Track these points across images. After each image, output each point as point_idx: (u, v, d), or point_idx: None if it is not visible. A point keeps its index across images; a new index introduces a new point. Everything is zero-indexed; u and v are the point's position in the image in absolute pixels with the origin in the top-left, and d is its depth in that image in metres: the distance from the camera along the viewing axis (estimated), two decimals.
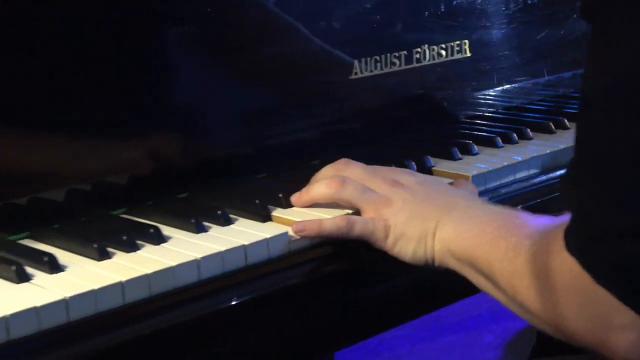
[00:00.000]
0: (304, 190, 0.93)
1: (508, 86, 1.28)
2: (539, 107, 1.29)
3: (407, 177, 0.92)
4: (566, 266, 0.67)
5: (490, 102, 1.26)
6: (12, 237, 0.86)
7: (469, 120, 1.23)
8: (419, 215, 0.87)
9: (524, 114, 1.26)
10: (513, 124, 1.18)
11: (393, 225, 0.87)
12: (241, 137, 1.02)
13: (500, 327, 2.55)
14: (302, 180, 0.96)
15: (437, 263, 0.86)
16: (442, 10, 1.17)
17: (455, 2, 1.18)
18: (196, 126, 0.98)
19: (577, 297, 0.68)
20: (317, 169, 0.97)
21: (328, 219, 0.88)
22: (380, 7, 1.11)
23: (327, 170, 0.94)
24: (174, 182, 0.96)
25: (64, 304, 0.73)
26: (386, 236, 0.87)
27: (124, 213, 0.93)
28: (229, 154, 1.01)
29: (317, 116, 1.08)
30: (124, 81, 0.93)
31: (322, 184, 0.92)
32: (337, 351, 0.92)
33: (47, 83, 0.88)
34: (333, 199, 0.91)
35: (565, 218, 0.69)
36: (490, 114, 1.25)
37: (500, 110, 1.27)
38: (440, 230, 0.85)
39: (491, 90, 1.26)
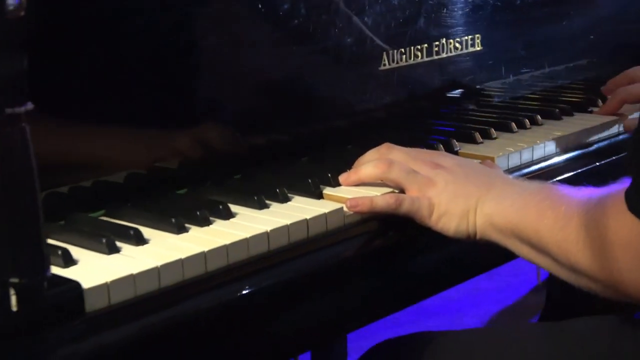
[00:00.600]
0: (352, 170, 1.00)
1: (514, 77, 1.36)
2: (542, 96, 1.38)
3: (446, 159, 1.00)
4: (627, 227, 0.74)
5: (500, 91, 1.34)
6: (92, 214, 0.92)
7: (483, 109, 1.30)
8: (460, 194, 0.94)
9: (531, 102, 1.34)
10: (523, 112, 1.26)
11: (437, 204, 0.94)
12: (286, 125, 1.08)
13: (481, 309, 2.65)
14: (342, 162, 1.03)
15: (478, 236, 0.93)
16: (459, 6, 1.24)
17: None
18: (253, 118, 1.04)
19: (637, 255, 0.75)
20: (352, 153, 1.05)
21: (378, 196, 0.95)
22: (404, 4, 1.18)
23: (372, 154, 1.01)
24: (230, 164, 1.02)
25: (157, 271, 0.79)
26: (430, 213, 0.94)
27: (186, 193, 0.99)
28: (278, 140, 1.07)
29: (351, 105, 1.14)
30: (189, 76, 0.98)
31: (370, 165, 0.98)
32: (386, 316, 0.97)
33: (111, 79, 0.93)
34: (380, 179, 0.98)
35: (613, 187, 0.77)
36: (501, 103, 1.33)
37: (508, 99, 1.35)
38: (481, 207, 0.92)
39: (500, 81, 1.34)
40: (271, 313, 0.86)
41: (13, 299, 0.60)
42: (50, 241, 0.81)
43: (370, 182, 0.99)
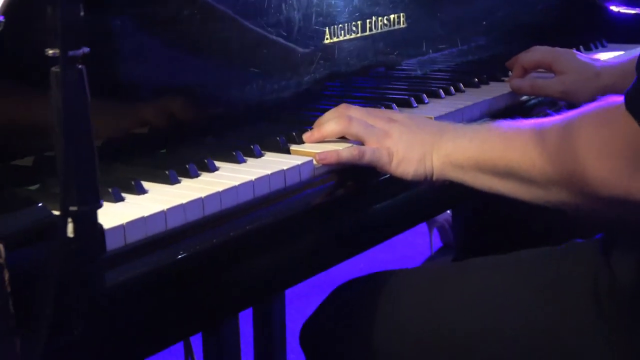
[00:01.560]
0: (315, 129, 1.08)
1: (435, 53, 1.47)
2: (460, 69, 1.49)
3: (399, 115, 1.09)
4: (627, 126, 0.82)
5: (424, 64, 1.45)
6: None
7: (412, 79, 1.41)
8: (415, 141, 1.03)
9: (453, 73, 1.46)
10: (449, 81, 1.37)
11: (395, 152, 1.03)
12: (249, 92, 1.15)
13: None
14: (297, 123, 1.13)
15: (435, 177, 1.03)
16: None
17: None
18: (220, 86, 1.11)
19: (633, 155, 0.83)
20: (304, 115, 1.13)
21: (344, 149, 1.03)
22: None
23: (331, 113, 1.09)
24: (207, 127, 1.09)
25: (163, 214, 0.85)
26: (390, 161, 1.03)
27: (167, 152, 1.04)
28: (245, 104, 1.14)
29: (301, 74, 1.22)
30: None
31: (332, 122, 1.06)
32: (353, 256, 1.06)
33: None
34: (342, 134, 1.06)
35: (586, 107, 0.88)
36: (428, 74, 1.44)
37: (432, 71, 1.46)
38: (437, 149, 1.02)
39: (422, 56, 1.44)
40: (260, 250, 0.93)
41: (70, 226, 0.65)
42: None
43: (331, 138, 1.07)
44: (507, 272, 1.02)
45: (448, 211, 2.08)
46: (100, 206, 0.66)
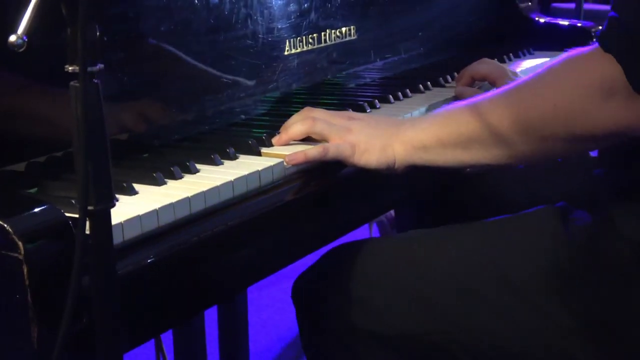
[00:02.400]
0: (282, 132, 1.15)
1: (381, 61, 1.55)
2: (405, 75, 1.58)
3: (358, 114, 1.17)
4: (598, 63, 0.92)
5: (374, 72, 1.53)
6: None
7: (363, 86, 1.49)
8: (376, 133, 1.10)
9: (399, 80, 1.54)
10: (396, 87, 1.45)
11: (357, 144, 1.10)
12: (218, 100, 1.21)
13: None
14: (263, 127, 1.20)
15: (398, 164, 1.09)
16: (339, 3, 1.42)
17: None
18: (190, 96, 1.17)
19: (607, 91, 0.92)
20: (269, 120, 1.20)
21: (310, 148, 1.10)
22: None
23: (296, 116, 1.16)
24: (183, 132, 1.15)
25: (155, 213, 0.90)
26: (353, 153, 1.10)
27: (149, 156, 1.10)
28: (218, 110, 1.20)
29: (265, 82, 1.29)
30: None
31: (298, 124, 1.13)
32: (320, 248, 1.13)
33: None
34: (307, 134, 1.13)
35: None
36: (376, 80, 1.53)
37: (380, 78, 1.54)
38: (397, 138, 1.09)
39: (371, 64, 1.53)
40: (238, 243, 0.99)
41: (87, 224, 0.71)
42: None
43: (298, 139, 1.14)
44: (478, 235, 1.10)
45: None
46: (113, 205, 0.72)
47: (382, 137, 1.10)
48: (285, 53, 1.32)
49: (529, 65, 1.69)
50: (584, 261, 1.01)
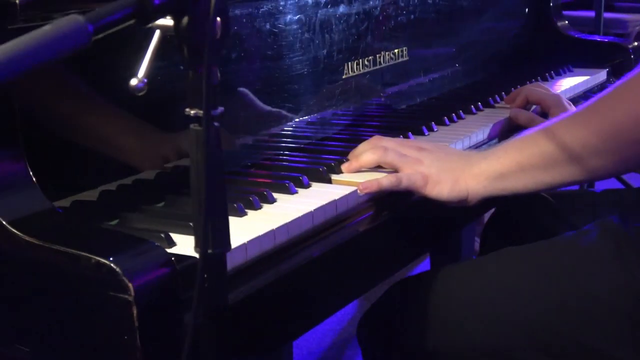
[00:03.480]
0: (352, 159, 1.14)
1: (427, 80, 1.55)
2: (455, 96, 1.58)
3: (427, 144, 1.16)
4: None
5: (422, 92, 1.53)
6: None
7: (413, 107, 1.49)
8: (447, 167, 1.10)
9: (449, 101, 1.54)
10: (449, 110, 1.44)
11: (429, 175, 1.09)
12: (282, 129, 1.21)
13: None
14: (328, 153, 1.20)
15: (470, 197, 1.09)
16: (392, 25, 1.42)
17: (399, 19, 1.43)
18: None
19: None
20: (332, 145, 1.21)
21: (382, 177, 1.09)
22: (356, 25, 1.33)
23: (364, 145, 1.15)
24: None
25: (258, 239, 0.90)
26: (425, 184, 1.09)
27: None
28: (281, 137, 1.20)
29: (325, 106, 1.28)
30: None
31: (369, 153, 1.13)
32: (396, 272, 1.13)
33: None
34: (378, 163, 1.13)
35: None
36: (427, 101, 1.52)
37: (430, 99, 1.54)
38: (469, 171, 1.09)
39: (418, 84, 1.52)
40: (328, 269, 1.00)
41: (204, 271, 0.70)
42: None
43: (369, 167, 1.14)
44: (534, 261, 1.10)
45: None
46: (229, 249, 0.71)
47: (453, 171, 1.10)
48: (344, 76, 1.31)
49: (571, 83, 1.69)
50: None
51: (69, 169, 0.96)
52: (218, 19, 0.66)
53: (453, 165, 1.11)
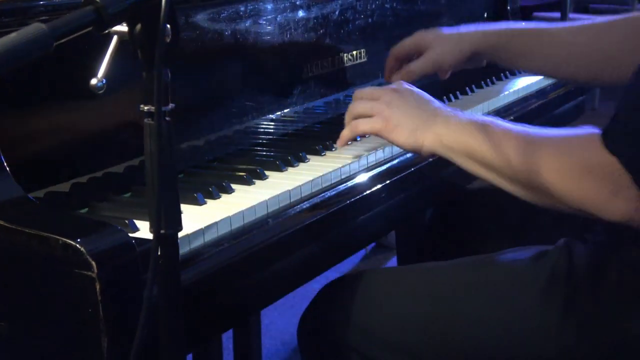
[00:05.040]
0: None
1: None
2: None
3: (407, 86, 1.20)
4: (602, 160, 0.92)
5: None
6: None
7: None
8: (413, 113, 1.13)
9: None
10: None
11: (390, 119, 1.14)
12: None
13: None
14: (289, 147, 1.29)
15: (424, 150, 1.12)
16: (350, 28, 1.50)
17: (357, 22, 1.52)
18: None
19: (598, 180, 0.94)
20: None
21: (345, 129, 1.20)
22: (317, 27, 1.42)
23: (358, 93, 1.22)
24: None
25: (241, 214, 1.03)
26: (385, 126, 1.14)
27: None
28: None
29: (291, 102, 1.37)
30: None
31: (345, 117, 1.21)
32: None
33: None
34: (351, 117, 1.20)
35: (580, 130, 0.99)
36: None
37: None
38: (430, 128, 1.10)
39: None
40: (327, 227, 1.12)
41: (158, 249, 0.78)
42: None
43: (349, 126, 1.21)
44: (477, 271, 1.12)
45: None
46: (180, 229, 0.79)
47: (417, 119, 1.11)
48: (304, 76, 1.40)
49: (525, 82, 1.77)
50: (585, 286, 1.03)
51: (44, 163, 1.04)
52: (168, 25, 0.74)
53: (417, 113, 1.13)
